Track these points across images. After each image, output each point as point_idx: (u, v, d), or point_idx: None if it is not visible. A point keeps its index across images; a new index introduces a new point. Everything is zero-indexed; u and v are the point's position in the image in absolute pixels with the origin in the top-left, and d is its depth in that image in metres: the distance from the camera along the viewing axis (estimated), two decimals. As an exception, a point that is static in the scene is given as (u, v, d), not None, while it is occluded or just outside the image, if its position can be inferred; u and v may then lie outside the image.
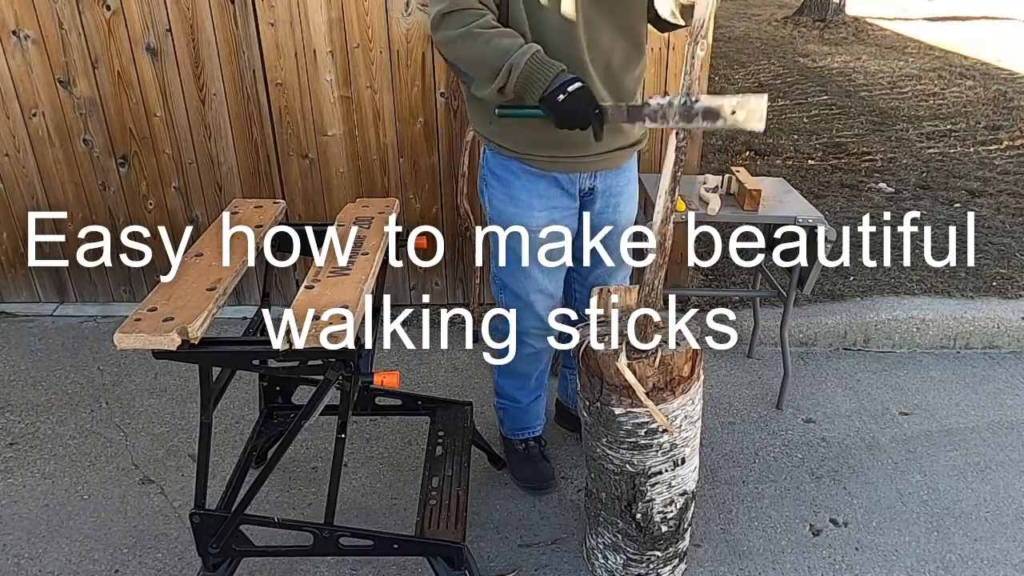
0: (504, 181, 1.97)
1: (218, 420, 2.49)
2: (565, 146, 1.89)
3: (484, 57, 1.68)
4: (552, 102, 1.65)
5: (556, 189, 1.97)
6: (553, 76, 1.66)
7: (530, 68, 1.65)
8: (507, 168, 1.95)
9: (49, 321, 3.25)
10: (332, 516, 1.76)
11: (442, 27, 1.71)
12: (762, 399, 2.77)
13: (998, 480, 2.39)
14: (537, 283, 2.06)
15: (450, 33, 1.70)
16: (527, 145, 1.90)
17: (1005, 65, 7.65)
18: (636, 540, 1.90)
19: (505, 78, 1.67)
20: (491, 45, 1.67)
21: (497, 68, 1.67)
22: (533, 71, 1.66)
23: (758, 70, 7.54)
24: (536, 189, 1.95)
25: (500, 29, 1.70)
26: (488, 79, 1.70)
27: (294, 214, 3.12)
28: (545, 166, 1.93)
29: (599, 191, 2.02)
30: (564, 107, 1.65)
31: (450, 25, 1.69)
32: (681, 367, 1.71)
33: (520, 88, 1.68)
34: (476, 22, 1.68)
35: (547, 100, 1.66)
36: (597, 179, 2.00)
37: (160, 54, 2.88)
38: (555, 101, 1.65)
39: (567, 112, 1.65)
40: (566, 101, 1.64)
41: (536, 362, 2.23)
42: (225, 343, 1.60)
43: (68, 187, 3.11)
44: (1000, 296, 3.23)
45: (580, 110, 1.65)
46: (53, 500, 2.28)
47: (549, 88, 1.66)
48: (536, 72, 1.66)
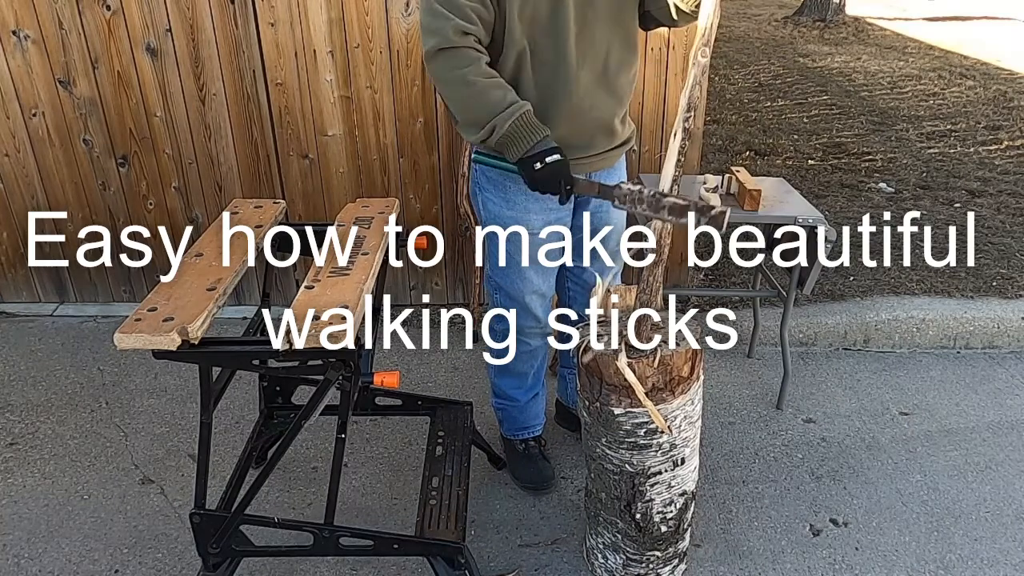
0: (500, 185, 1.97)
1: (218, 420, 2.48)
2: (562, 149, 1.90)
3: (472, 108, 1.73)
4: (528, 168, 1.72)
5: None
6: (535, 143, 1.72)
7: (513, 130, 1.71)
8: (502, 172, 1.96)
9: (49, 321, 3.25)
10: (332, 516, 1.76)
11: (435, 63, 1.73)
12: (762, 399, 2.77)
13: (998, 480, 2.39)
14: (532, 284, 2.07)
15: (443, 75, 1.73)
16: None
17: (1005, 65, 7.65)
18: (636, 540, 1.90)
19: (488, 134, 1.72)
20: (481, 98, 1.71)
21: (482, 123, 1.72)
22: (515, 134, 1.71)
23: (758, 70, 7.54)
24: (532, 192, 1.95)
25: (492, 80, 1.72)
26: (473, 128, 1.76)
27: (294, 214, 3.12)
28: None
29: None
30: (538, 175, 1.72)
31: (444, 66, 1.72)
32: (681, 367, 1.71)
33: (501, 147, 1.74)
34: (469, 68, 1.70)
35: (524, 164, 1.73)
36: (592, 178, 2.01)
37: (160, 54, 2.88)
38: (531, 168, 1.72)
39: (540, 180, 1.72)
40: (542, 170, 1.71)
41: (532, 360, 2.23)
42: (225, 343, 1.60)
43: (68, 187, 3.11)
44: (1000, 296, 3.23)
45: (553, 181, 1.72)
46: (53, 500, 2.28)
47: (528, 153, 1.72)
48: (518, 135, 1.71)
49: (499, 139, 1.72)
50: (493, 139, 1.73)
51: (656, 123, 2.97)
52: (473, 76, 1.70)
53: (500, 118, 1.70)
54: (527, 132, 1.71)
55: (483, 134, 1.73)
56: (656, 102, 2.94)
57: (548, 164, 1.70)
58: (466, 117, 1.77)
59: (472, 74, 1.70)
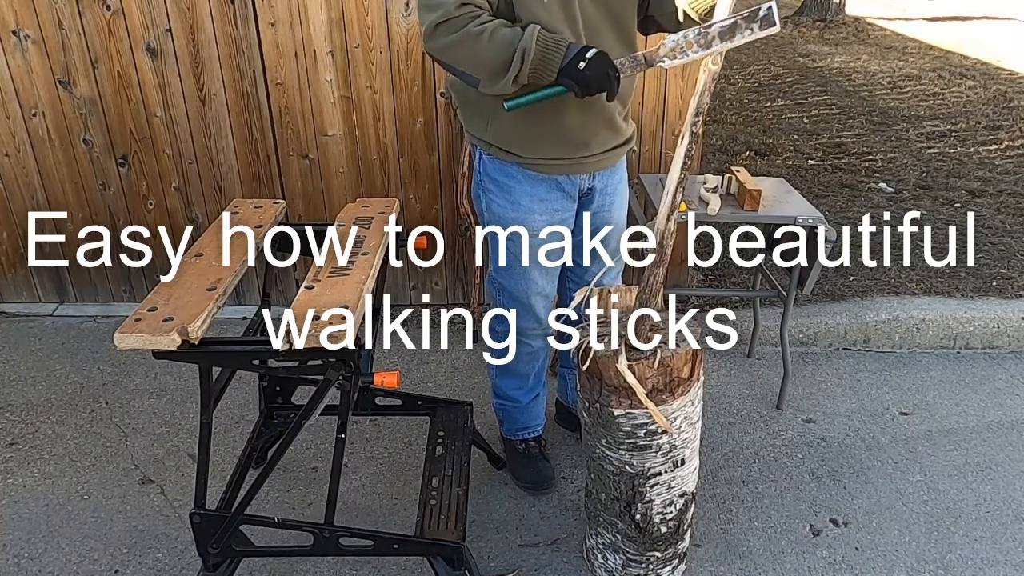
0: (504, 187, 1.96)
1: (218, 420, 2.49)
2: (567, 145, 1.90)
3: (490, 52, 1.67)
4: (573, 72, 1.66)
5: (557, 192, 1.98)
6: (565, 48, 1.67)
7: (542, 47, 1.66)
8: (506, 173, 1.95)
9: (49, 321, 3.25)
10: (332, 516, 1.76)
11: (437, 36, 1.69)
12: (762, 399, 2.77)
13: (998, 480, 2.39)
14: (537, 286, 2.07)
15: (447, 40, 1.69)
16: (531, 149, 1.90)
17: (1005, 65, 7.65)
18: (635, 541, 1.90)
19: (519, 64, 1.66)
20: (494, 39, 1.66)
21: (508, 58, 1.66)
22: (546, 49, 1.66)
23: (758, 70, 7.54)
24: (538, 193, 1.96)
25: (496, 21, 1.69)
26: (499, 72, 1.69)
27: (294, 214, 3.12)
28: (547, 170, 1.93)
29: (597, 190, 2.04)
30: (586, 74, 1.65)
31: (446, 32, 1.68)
32: (681, 368, 1.71)
33: (536, 68, 1.68)
34: (472, 23, 1.67)
35: (567, 71, 1.67)
36: (596, 179, 2.02)
37: (160, 54, 2.88)
38: (576, 71, 1.66)
39: (590, 77, 1.66)
40: (587, 68, 1.65)
41: (533, 361, 2.23)
42: (225, 343, 1.60)
43: (68, 187, 3.11)
44: (1000, 296, 3.23)
45: (602, 73, 1.66)
46: (53, 500, 2.28)
47: (566, 60, 1.67)
48: (550, 50, 1.66)
49: (532, 64, 1.66)
50: (525, 69, 1.67)
51: (656, 123, 2.97)
52: (477, 27, 1.67)
53: (524, 41, 1.65)
54: (554, 43, 1.67)
55: (514, 68, 1.67)
56: (656, 102, 2.93)
57: (591, 59, 1.65)
58: (488, 66, 1.70)
59: (476, 25, 1.67)
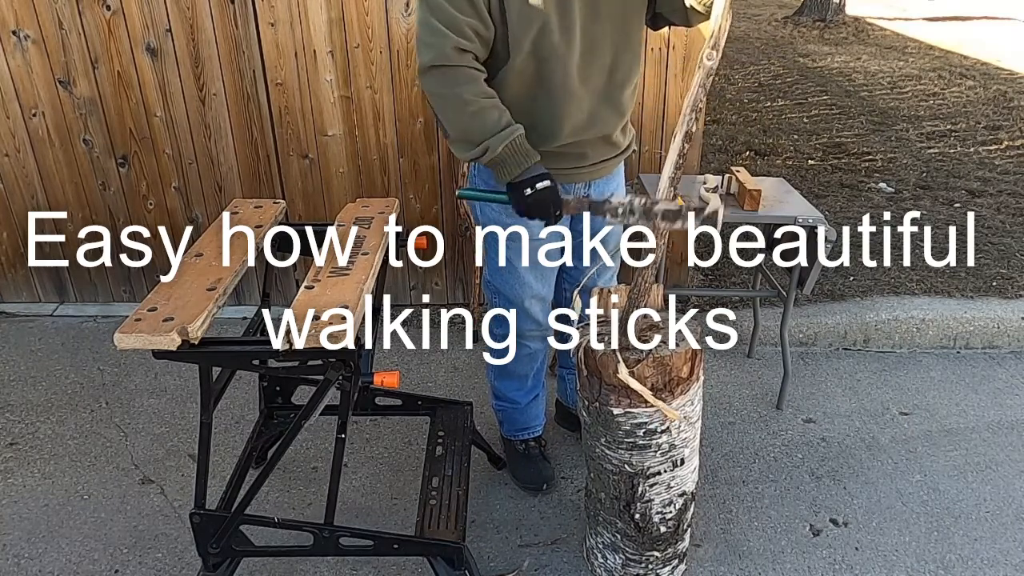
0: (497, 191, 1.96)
1: (218, 420, 2.48)
2: (564, 158, 1.90)
3: (466, 127, 1.72)
4: (518, 193, 1.72)
5: None
6: (524, 168, 1.71)
7: (505, 155, 1.70)
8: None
9: (49, 321, 3.25)
10: (332, 516, 1.76)
11: (430, 78, 1.71)
12: (762, 399, 2.77)
13: (998, 480, 2.39)
14: (532, 289, 2.07)
15: (438, 91, 1.71)
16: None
17: (1005, 65, 7.65)
18: (635, 540, 1.90)
19: (481, 154, 1.72)
20: (476, 119, 1.69)
21: (476, 142, 1.71)
22: (507, 158, 1.71)
23: (758, 70, 7.54)
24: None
25: (489, 100, 1.71)
26: (465, 145, 1.74)
27: (294, 214, 3.12)
28: None
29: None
30: (528, 201, 1.72)
31: (440, 82, 1.70)
32: (680, 368, 1.71)
33: (492, 167, 1.74)
34: (466, 87, 1.68)
35: (514, 189, 1.73)
36: (591, 188, 2.02)
37: (160, 54, 2.88)
38: (521, 193, 1.72)
39: (530, 206, 1.72)
40: (531, 196, 1.71)
41: (532, 362, 2.23)
42: (225, 343, 1.60)
43: (68, 187, 3.11)
44: (1000, 296, 3.23)
45: (543, 207, 1.72)
46: (53, 500, 2.28)
47: (519, 178, 1.71)
48: (510, 160, 1.71)
49: (491, 160, 1.71)
50: (485, 159, 1.72)
51: (656, 123, 2.97)
52: (469, 95, 1.68)
53: (494, 140, 1.69)
54: (519, 157, 1.71)
55: (475, 153, 1.72)
56: (656, 102, 2.94)
57: (538, 190, 1.70)
58: (459, 135, 1.75)
59: (468, 93, 1.68)
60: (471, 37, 1.68)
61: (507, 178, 1.73)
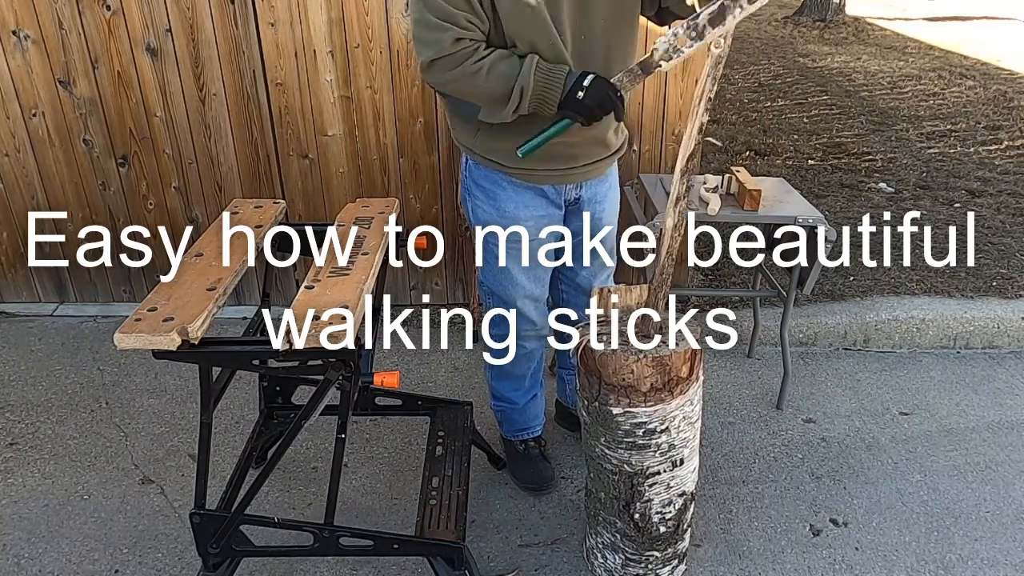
0: (489, 193, 1.96)
1: (218, 420, 2.48)
2: (554, 159, 1.89)
3: (490, 88, 1.69)
4: (573, 103, 1.66)
5: (542, 199, 1.97)
6: (563, 79, 1.67)
7: (540, 81, 1.67)
8: (492, 180, 1.95)
9: (49, 321, 3.25)
10: (332, 516, 1.76)
11: (434, 72, 1.70)
12: (762, 399, 2.77)
13: (998, 480, 2.39)
14: (524, 290, 2.07)
15: (444, 76, 1.70)
16: (517, 160, 1.88)
17: (1005, 65, 7.65)
18: (634, 540, 1.90)
19: (518, 99, 1.68)
20: (492, 74, 1.67)
21: (507, 93, 1.68)
22: (544, 83, 1.67)
23: (758, 70, 7.54)
24: (522, 200, 1.95)
25: (493, 54, 1.69)
26: (499, 105, 1.71)
27: (294, 214, 3.12)
28: (533, 179, 1.93)
29: (585, 199, 2.04)
30: (587, 103, 1.65)
31: (443, 69, 1.69)
32: (680, 367, 1.71)
33: (536, 102, 1.69)
34: (469, 61, 1.67)
35: (568, 103, 1.67)
36: (583, 188, 2.01)
37: (160, 54, 2.88)
38: (576, 101, 1.66)
39: (591, 106, 1.66)
40: (586, 96, 1.65)
41: (529, 362, 2.23)
42: (225, 343, 1.60)
43: (68, 187, 3.11)
44: (1000, 296, 3.23)
45: (603, 100, 1.65)
46: (53, 500, 2.28)
47: (565, 91, 1.67)
48: (547, 82, 1.67)
49: (531, 97, 1.67)
50: (525, 102, 1.68)
51: (656, 123, 2.97)
52: (475, 62, 1.67)
53: (521, 78, 1.66)
54: (552, 75, 1.67)
55: (512, 103, 1.68)
56: (656, 102, 2.93)
57: (588, 88, 1.65)
58: (488, 99, 1.71)
59: (473, 60, 1.67)
60: (468, 26, 1.67)
61: (555, 98, 1.68)
